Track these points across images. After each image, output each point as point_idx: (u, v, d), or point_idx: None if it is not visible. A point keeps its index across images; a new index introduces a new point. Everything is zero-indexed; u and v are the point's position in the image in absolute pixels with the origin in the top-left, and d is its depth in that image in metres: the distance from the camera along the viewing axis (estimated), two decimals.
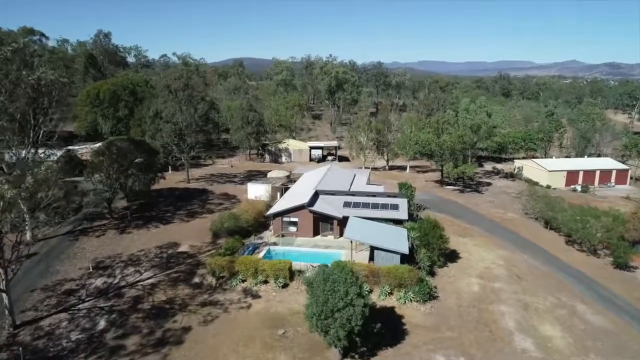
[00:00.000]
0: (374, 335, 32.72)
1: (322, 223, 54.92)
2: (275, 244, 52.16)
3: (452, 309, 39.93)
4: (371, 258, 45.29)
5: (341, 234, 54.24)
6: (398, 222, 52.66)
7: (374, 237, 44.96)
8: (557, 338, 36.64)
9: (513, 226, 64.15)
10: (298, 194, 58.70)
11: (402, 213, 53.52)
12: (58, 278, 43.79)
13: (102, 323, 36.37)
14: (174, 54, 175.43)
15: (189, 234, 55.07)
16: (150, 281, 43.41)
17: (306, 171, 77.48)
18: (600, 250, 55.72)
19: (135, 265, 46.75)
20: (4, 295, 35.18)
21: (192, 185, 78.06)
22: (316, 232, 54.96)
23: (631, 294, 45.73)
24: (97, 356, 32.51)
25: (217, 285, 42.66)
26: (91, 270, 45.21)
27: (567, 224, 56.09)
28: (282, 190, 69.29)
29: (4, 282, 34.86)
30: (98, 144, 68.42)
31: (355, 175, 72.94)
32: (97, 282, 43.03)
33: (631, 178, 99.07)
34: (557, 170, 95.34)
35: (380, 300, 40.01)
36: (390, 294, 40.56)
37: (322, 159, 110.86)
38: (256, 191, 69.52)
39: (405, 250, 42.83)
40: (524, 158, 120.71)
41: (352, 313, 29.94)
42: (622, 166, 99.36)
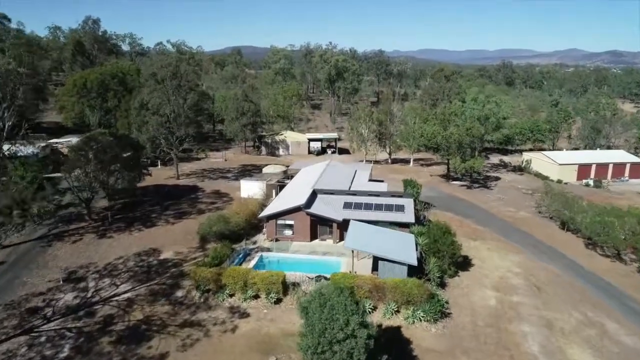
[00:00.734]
0: None
1: (321, 226, 50.09)
2: (268, 250, 47.41)
3: (467, 329, 35.24)
4: (375, 267, 40.51)
5: (341, 238, 49.55)
6: (404, 226, 47.90)
7: (378, 246, 40.10)
8: None
9: (527, 227, 59.31)
10: (294, 194, 53.83)
11: (408, 215, 48.66)
12: (24, 292, 39.04)
13: (67, 349, 31.66)
14: (168, 41, 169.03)
15: (175, 238, 50.26)
16: (127, 295, 38.65)
17: (304, 166, 72.45)
18: (625, 254, 50.97)
19: (111, 276, 41.97)
20: None
21: (182, 181, 73.09)
22: (314, 236, 50.17)
23: None
24: None
25: (202, 300, 37.93)
26: (61, 282, 40.46)
27: (590, 227, 51.21)
28: (278, 187, 64.43)
29: None
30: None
31: (356, 171, 67.97)
32: (67, 297, 38.29)
33: None
34: (568, 163, 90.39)
35: (385, 319, 35.28)
36: (397, 312, 35.84)
37: (322, 152, 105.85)
38: (249, 189, 64.61)
39: (413, 261, 38.02)
40: (531, 150, 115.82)
41: (354, 346, 25.20)
42: (637, 159, 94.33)
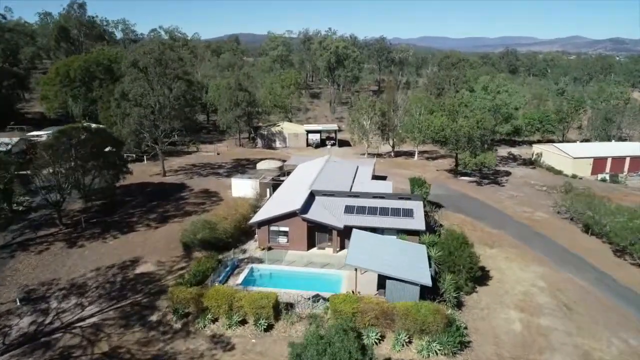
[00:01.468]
0: None
1: (319, 233, 44.53)
2: (260, 261, 41.90)
3: None
4: (381, 284, 34.98)
5: (342, 247, 44.08)
6: (412, 233, 42.38)
7: (386, 262, 34.53)
8: None
9: (546, 230, 53.77)
10: (289, 195, 48.17)
11: (418, 221, 43.04)
12: None
13: None
14: (160, 27, 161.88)
15: (156, 247, 44.69)
16: (93, 320, 33.17)
17: (302, 161, 66.77)
18: None
19: (78, 294, 36.44)
20: None
21: (169, 178, 67.28)
22: (311, 244, 44.63)
23: None
24: None
25: (180, 326, 32.48)
26: (18, 304, 34.97)
27: (620, 233, 45.65)
28: (272, 186, 58.83)
29: None
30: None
31: (358, 167, 62.31)
32: (23, 323, 32.81)
33: None
34: (583, 157, 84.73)
35: (395, 351, 29.85)
36: (408, 343, 30.40)
37: (321, 144, 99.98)
38: (241, 188, 58.99)
39: (427, 281, 32.49)
40: (539, 141, 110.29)
41: None
42: None
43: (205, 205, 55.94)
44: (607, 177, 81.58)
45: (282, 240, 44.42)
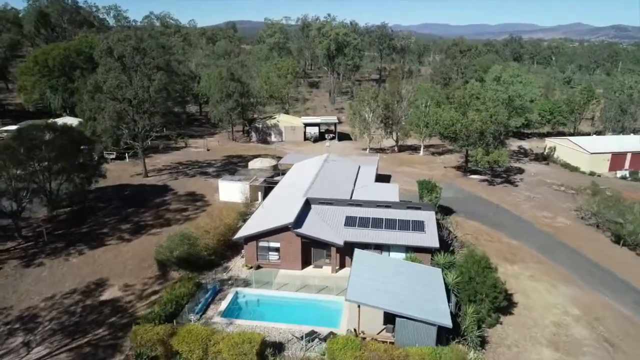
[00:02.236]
0: None
1: (315, 249, 38.58)
2: (246, 284, 35.97)
3: None
4: (389, 318, 28.99)
5: (341, 265, 38.23)
6: (424, 251, 36.47)
7: (395, 293, 28.49)
8: None
9: (571, 240, 47.76)
10: (281, 204, 42.10)
11: (431, 237, 37.06)
12: None
13: None
14: (151, 13, 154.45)
15: (126, 265, 38.70)
16: None
17: (298, 160, 60.62)
18: None
19: (27, 329, 30.48)
20: None
21: (151, 179, 61.00)
22: (306, 261, 38.73)
23: None
24: None
25: None
26: None
27: None
28: (265, 189, 52.82)
29: None
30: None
31: (359, 167, 56.27)
32: None
33: None
34: (600, 152, 78.56)
35: None
36: None
37: (320, 138, 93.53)
38: (229, 191, 52.90)
39: (446, 320, 26.48)
40: (549, 134, 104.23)
41: None
42: None
43: (188, 212, 49.85)
44: (627, 175, 75.61)
45: (273, 257, 38.47)
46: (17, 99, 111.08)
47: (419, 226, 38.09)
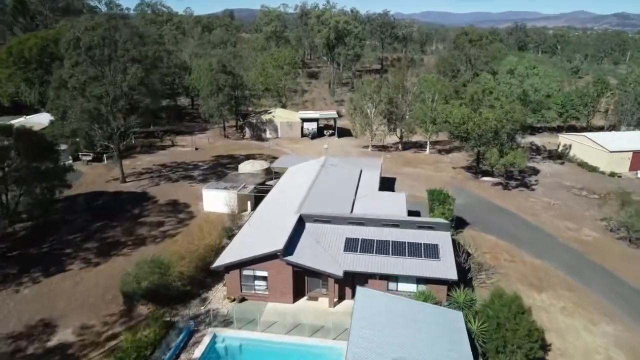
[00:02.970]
0: None
1: (310, 278, 32.65)
2: (227, 321, 30.09)
3: None
4: None
5: (340, 297, 32.28)
6: (437, 282, 30.56)
7: (408, 354, 22.53)
8: None
9: (604, 259, 41.68)
10: (271, 222, 36.11)
11: (447, 265, 31.07)
12: None
13: None
14: (143, 1, 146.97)
15: (87, 298, 32.76)
16: None
17: (293, 163, 54.41)
18: None
19: None
20: None
21: (129, 185, 54.86)
22: (299, 293, 32.82)
23: None
24: None
25: None
26: None
27: None
28: (255, 199, 46.84)
29: None
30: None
31: (361, 172, 50.09)
32: None
33: None
34: (620, 150, 72.29)
35: None
36: None
37: (318, 134, 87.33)
38: (214, 201, 46.86)
39: None
40: (561, 128, 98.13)
41: None
42: None
43: (167, 226, 43.83)
44: None
45: (260, 287, 32.56)
46: None
47: (433, 251, 32.12)
